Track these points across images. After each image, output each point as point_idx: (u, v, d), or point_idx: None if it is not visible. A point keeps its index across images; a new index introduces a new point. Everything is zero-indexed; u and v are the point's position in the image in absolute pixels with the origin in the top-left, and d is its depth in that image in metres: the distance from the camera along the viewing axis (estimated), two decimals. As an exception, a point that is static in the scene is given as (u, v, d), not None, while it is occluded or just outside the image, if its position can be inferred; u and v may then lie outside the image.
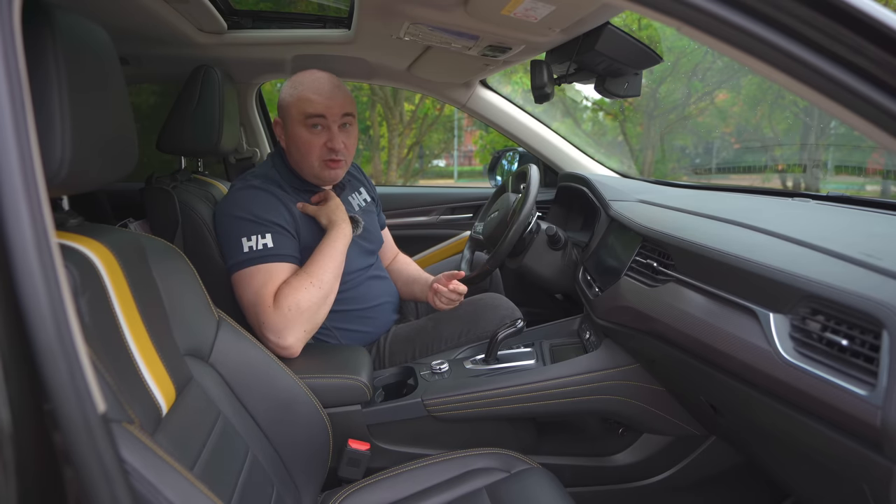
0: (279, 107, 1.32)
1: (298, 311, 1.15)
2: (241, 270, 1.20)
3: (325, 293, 1.20)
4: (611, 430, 1.33)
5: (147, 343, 0.70)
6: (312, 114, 1.24)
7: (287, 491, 0.91)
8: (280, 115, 1.31)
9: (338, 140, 1.26)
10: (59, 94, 0.55)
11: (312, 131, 1.26)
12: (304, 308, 1.16)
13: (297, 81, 1.29)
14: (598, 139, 7.47)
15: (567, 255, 1.55)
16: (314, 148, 1.27)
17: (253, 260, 1.19)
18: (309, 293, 1.17)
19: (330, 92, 1.26)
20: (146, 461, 0.50)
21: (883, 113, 0.50)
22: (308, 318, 1.17)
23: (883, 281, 0.64)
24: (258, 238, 1.20)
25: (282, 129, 1.32)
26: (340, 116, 1.27)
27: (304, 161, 1.29)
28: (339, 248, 1.25)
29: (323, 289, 1.19)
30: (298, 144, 1.27)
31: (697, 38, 0.55)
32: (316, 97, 1.25)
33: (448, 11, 1.21)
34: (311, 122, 1.25)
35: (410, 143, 8.23)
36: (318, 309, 1.19)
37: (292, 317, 1.14)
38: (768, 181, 5.74)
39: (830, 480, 0.75)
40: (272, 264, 1.19)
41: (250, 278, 1.18)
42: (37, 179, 0.45)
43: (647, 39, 1.38)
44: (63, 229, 0.67)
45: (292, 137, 1.28)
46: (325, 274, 1.20)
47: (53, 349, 0.44)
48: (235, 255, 1.21)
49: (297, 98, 1.26)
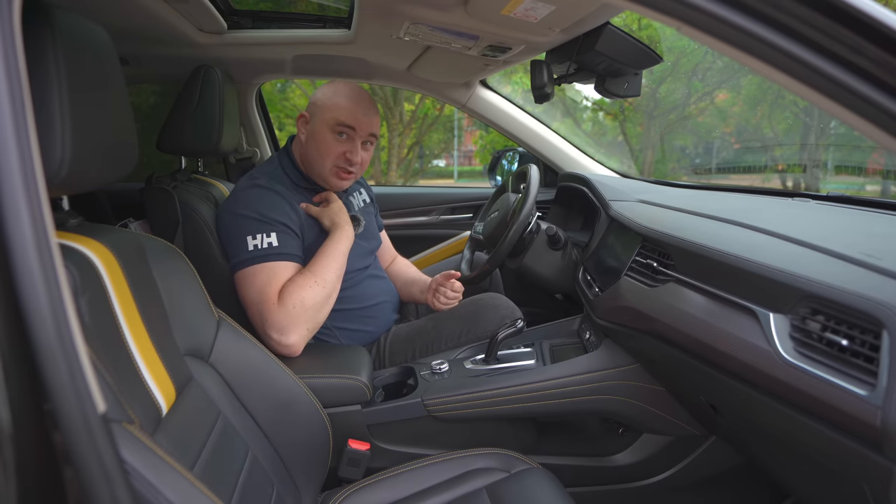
0: (312, 103, 1.35)
1: (303, 308, 1.15)
2: (245, 269, 1.20)
3: (328, 293, 1.20)
4: (611, 430, 1.33)
5: (147, 343, 0.70)
6: (344, 123, 1.29)
7: (287, 491, 0.91)
8: (310, 110, 1.34)
9: (357, 154, 1.31)
10: (59, 94, 0.55)
11: (337, 138, 1.30)
12: (309, 306, 1.16)
13: (339, 89, 1.33)
14: (598, 139, 7.47)
15: (567, 255, 1.55)
16: (332, 153, 1.30)
17: (258, 258, 1.19)
18: (313, 291, 1.17)
19: (366, 109, 1.31)
20: (146, 461, 0.50)
21: (883, 113, 0.50)
22: (311, 317, 1.17)
23: (883, 281, 0.64)
24: (263, 237, 1.20)
25: (305, 124, 1.35)
26: (367, 135, 1.32)
27: (319, 162, 1.32)
28: (342, 249, 1.26)
29: (326, 288, 1.20)
30: (319, 145, 1.31)
31: (697, 38, 0.55)
32: (353, 109, 1.29)
33: (448, 11, 1.21)
34: (338, 130, 1.29)
35: (410, 143, 8.23)
36: (321, 308, 1.20)
37: (296, 314, 1.15)
38: (768, 181, 5.75)
39: (830, 480, 0.75)
40: (277, 263, 1.19)
41: (254, 276, 1.18)
42: (37, 179, 0.45)
43: (647, 39, 1.38)
44: (63, 229, 0.67)
45: (315, 136, 1.31)
46: (328, 274, 1.21)
47: (53, 349, 0.44)
48: (240, 254, 1.21)
49: (335, 103, 1.30)
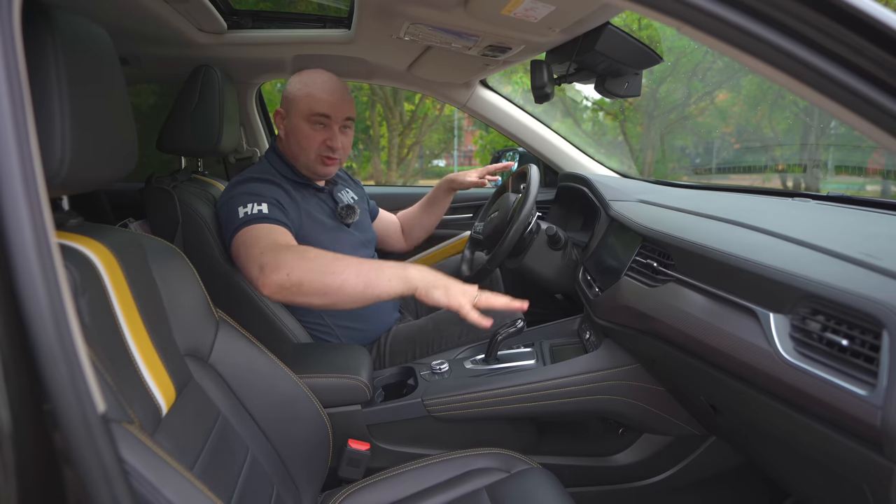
0: (285, 98, 1.36)
1: (302, 256, 1.06)
2: (237, 233, 1.17)
3: (321, 271, 1.05)
4: (611, 430, 1.33)
5: (147, 343, 0.70)
6: (319, 112, 1.32)
7: (287, 491, 0.91)
8: (284, 106, 1.36)
9: (337, 140, 1.34)
10: (59, 94, 0.55)
11: (315, 128, 1.33)
12: (309, 256, 1.06)
13: (308, 79, 1.34)
14: (598, 139, 7.47)
15: (567, 255, 1.55)
16: (314, 143, 1.34)
17: (249, 221, 1.18)
18: (304, 260, 1.06)
19: (339, 95, 1.34)
20: (146, 461, 0.50)
21: (883, 113, 0.50)
22: (295, 277, 1.03)
23: (883, 281, 0.64)
24: (254, 205, 1.20)
25: (282, 120, 1.37)
26: (343, 119, 1.35)
27: (303, 154, 1.35)
28: (387, 263, 1.09)
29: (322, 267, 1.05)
30: (299, 138, 1.33)
31: (697, 38, 0.55)
32: (325, 97, 1.32)
33: (448, 11, 1.21)
34: (315, 120, 1.33)
35: (410, 143, 8.22)
36: (309, 275, 1.04)
37: (292, 257, 1.06)
38: (768, 181, 5.74)
39: (830, 480, 0.75)
40: (269, 225, 1.18)
41: (245, 236, 1.15)
42: (37, 179, 0.45)
43: (647, 39, 1.37)
44: (63, 229, 0.67)
45: (294, 130, 1.34)
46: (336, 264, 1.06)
47: (53, 349, 0.44)
48: (232, 223, 1.19)
49: (307, 95, 1.32)
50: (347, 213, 1.40)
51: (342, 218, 1.40)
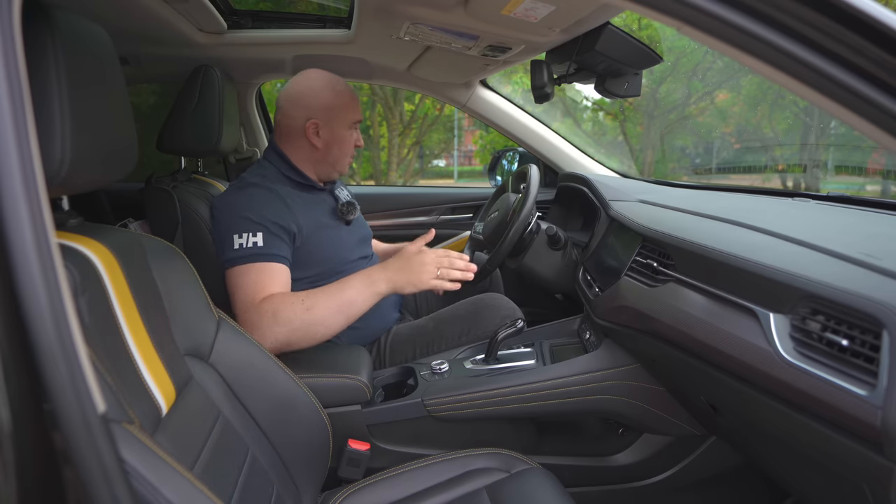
0: (319, 109, 1.33)
1: (274, 320, 1.13)
2: (231, 268, 1.20)
3: (311, 321, 1.15)
4: (611, 430, 1.33)
5: (147, 343, 0.70)
6: (358, 119, 1.40)
7: (287, 491, 0.91)
8: (318, 116, 1.33)
9: (360, 139, 1.44)
10: (59, 94, 0.55)
11: (352, 133, 1.40)
12: (281, 321, 1.13)
13: (333, 85, 1.36)
14: (598, 139, 7.47)
15: (567, 255, 1.55)
16: (351, 146, 1.41)
17: (242, 258, 1.19)
18: (293, 312, 1.14)
19: (358, 98, 1.41)
20: (146, 461, 0.50)
21: (883, 113, 0.50)
22: (285, 333, 1.13)
23: (883, 281, 0.64)
24: (249, 236, 1.20)
25: (317, 130, 1.34)
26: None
27: (344, 159, 1.40)
28: (357, 294, 1.18)
29: (312, 316, 1.15)
30: (342, 145, 1.38)
31: (697, 38, 0.55)
32: (356, 103, 1.39)
33: (448, 11, 1.21)
34: (354, 126, 1.40)
35: (410, 143, 8.22)
36: (298, 330, 1.14)
37: (266, 322, 1.13)
38: (768, 181, 5.75)
39: (830, 480, 0.75)
40: (261, 264, 1.19)
41: (238, 276, 1.19)
42: (37, 179, 0.45)
43: (647, 39, 1.38)
44: (63, 229, 0.67)
45: (337, 139, 1.37)
46: (322, 306, 1.16)
47: (53, 349, 0.44)
48: (226, 252, 1.21)
49: (344, 104, 1.36)
50: (348, 210, 1.41)
51: (343, 214, 1.40)
